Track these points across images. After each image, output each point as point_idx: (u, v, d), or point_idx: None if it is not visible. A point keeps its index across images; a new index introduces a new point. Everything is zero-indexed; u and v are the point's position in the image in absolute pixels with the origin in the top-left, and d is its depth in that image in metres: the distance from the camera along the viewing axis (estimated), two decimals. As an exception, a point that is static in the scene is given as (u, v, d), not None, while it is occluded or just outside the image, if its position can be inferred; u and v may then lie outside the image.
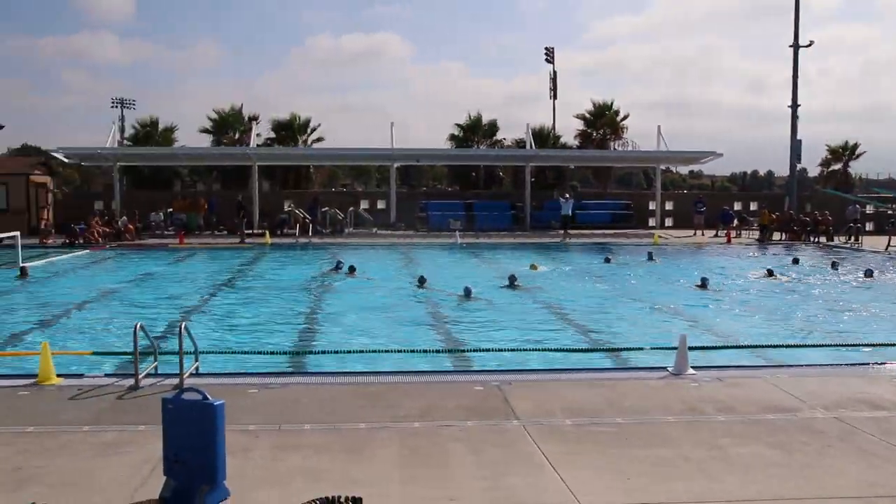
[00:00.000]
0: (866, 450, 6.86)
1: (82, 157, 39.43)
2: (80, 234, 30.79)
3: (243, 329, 13.73)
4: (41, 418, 7.63)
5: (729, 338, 13.02)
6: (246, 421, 7.49)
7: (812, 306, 16.66)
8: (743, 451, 6.79)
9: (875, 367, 10.17)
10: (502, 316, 15.03)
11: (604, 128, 50.31)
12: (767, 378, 9.36)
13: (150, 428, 7.02)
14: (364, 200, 41.33)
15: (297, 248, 29.75)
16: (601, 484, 6.07)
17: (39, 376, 8.99)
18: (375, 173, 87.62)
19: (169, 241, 31.42)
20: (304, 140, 47.28)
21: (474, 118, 49.63)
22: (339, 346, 11.87)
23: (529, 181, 40.51)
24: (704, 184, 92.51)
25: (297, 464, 6.43)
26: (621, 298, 17.70)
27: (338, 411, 7.91)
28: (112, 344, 12.00)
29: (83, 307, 15.83)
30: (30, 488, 5.87)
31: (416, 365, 10.63)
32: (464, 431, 7.31)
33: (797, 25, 40.70)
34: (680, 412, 7.97)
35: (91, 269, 23.04)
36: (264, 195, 40.77)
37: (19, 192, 34.75)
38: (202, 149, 43.46)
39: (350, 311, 15.40)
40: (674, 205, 43.07)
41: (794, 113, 40.88)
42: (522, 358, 11.20)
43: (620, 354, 11.58)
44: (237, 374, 9.72)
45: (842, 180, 48.79)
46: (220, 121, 47.03)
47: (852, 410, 8.03)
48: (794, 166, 41.90)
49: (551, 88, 67.82)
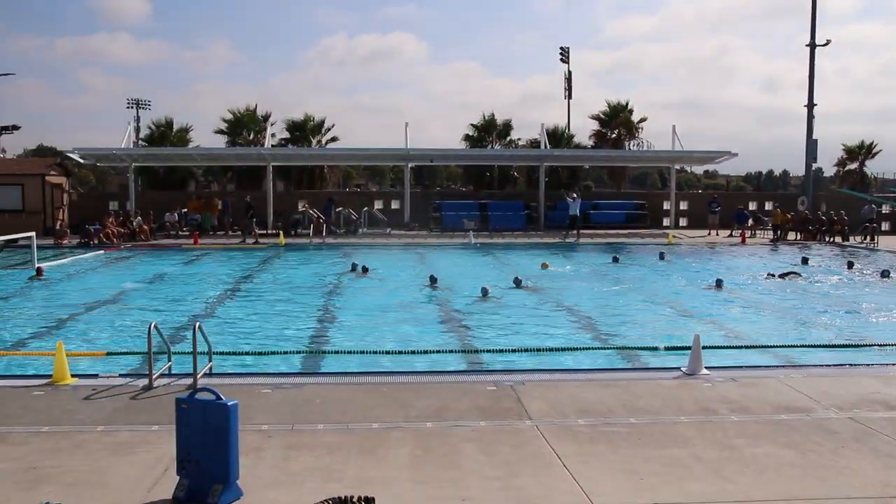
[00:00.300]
0: (881, 450, 6.81)
1: (98, 158, 39.60)
2: (95, 234, 30.96)
3: (256, 329, 13.75)
4: (55, 418, 7.68)
5: (743, 338, 12.95)
6: (259, 421, 7.52)
7: (827, 306, 16.55)
8: (757, 452, 6.76)
9: (890, 367, 10.10)
10: (514, 316, 15.00)
11: (619, 128, 50.23)
12: (781, 378, 9.31)
13: (164, 428, 7.06)
14: (378, 200, 41.33)
15: (310, 248, 29.78)
16: (614, 484, 6.06)
17: (54, 376, 9.05)
18: (390, 173, 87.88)
19: (183, 242, 31.54)
20: (318, 140, 47.40)
21: (488, 118, 49.64)
22: (353, 346, 11.88)
23: (543, 181, 40.45)
24: (719, 184, 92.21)
25: (309, 463, 6.45)
26: (633, 298, 17.63)
27: (351, 411, 7.92)
28: (126, 344, 12.06)
29: (98, 307, 15.90)
30: (44, 488, 5.91)
31: (428, 365, 10.62)
32: (476, 431, 7.30)
33: (814, 25, 40.50)
34: (693, 412, 7.94)
35: (106, 270, 23.15)
36: (278, 195, 40.87)
37: (35, 193, 34.96)
38: (217, 149, 43.61)
39: (363, 311, 15.43)
40: (688, 205, 42.88)
41: (811, 113, 40.63)
42: (535, 358, 11.17)
43: (634, 353, 11.54)
44: (250, 375, 9.76)
45: (858, 180, 48.45)
46: (235, 121, 47.19)
47: (867, 411, 7.98)
48: (809, 166, 41.64)
49: (566, 88, 67.76)
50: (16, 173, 35.67)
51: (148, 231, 32.69)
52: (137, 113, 57.15)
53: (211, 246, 30.16)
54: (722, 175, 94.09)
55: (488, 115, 49.73)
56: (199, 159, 43.09)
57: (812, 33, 40.59)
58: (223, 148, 44.99)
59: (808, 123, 40.70)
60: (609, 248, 29.88)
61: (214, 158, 43.18)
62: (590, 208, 40.43)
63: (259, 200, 37.86)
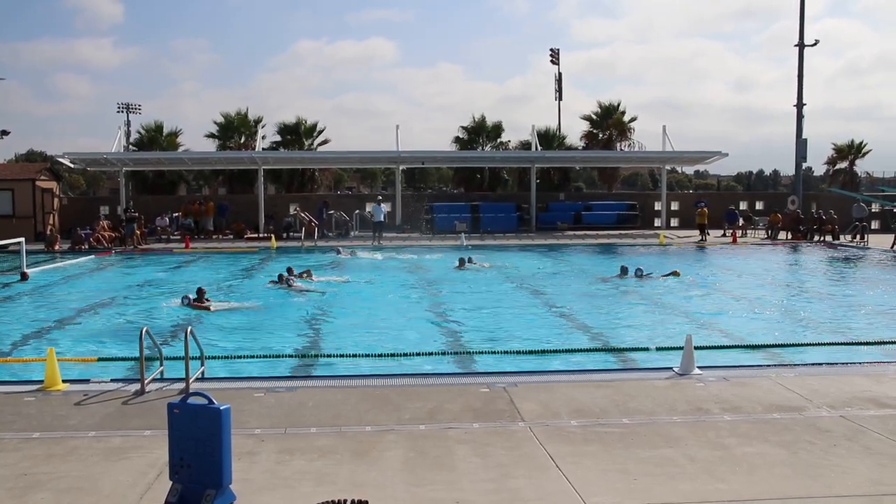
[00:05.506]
0: (873, 448, 6.84)
1: (88, 163, 39.50)
2: (86, 239, 30.87)
3: (248, 333, 13.72)
4: (47, 424, 7.65)
5: (735, 337, 12.99)
6: (252, 425, 7.51)
7: (818, 305, 16.62)
8: (749, 451, 6.78)
9: (881, 365, 10.14)
10: (505, 318, 15.02)
11: (610, 129, 50.30)
12: (773, 377, 9.34)
13: (156, 433, 7.03)
14: (370, 203, 41.34)
15: (301, 251, 29.72)
16: (607, 485, 6.06)
17: (45, 382, 9.01)
18: (381, 176, 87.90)
19: (174, 246, 31.47)
20: (310, 144, 47.35)
21: (479, 120, 49.63)
22: (344, 349, 11.87)
23: (535, 182, 40.48)
24: (710, 184, 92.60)
25: (303, 467, 6.44)
26: (621, 298, 17.68)
27: (344, 414, 7.91)
28: (118, 349, 12.01)
29: (89, 312, 15.84)
30: (36, 494, 5.89)
31: (421, 367, 10.61)
32: (470, 433, 7.30)
33: (802, 25, 40.70)
34: (686, 412, 7.96)
35: (97, 274, 23.08)
36: (270, 198, 40.82)
37: (25, 198, 34.79)
38: (208, 153, 43.57)
39: (353, 315, 15.43)
40: (679, 205, 42.99)
41: (800, 112, 40.83)
42: (527, 360, 11.17)
43: (626, 354, 11.56)
44: (243, 379, 9.72)
45: (848, 179, 48.61)
46: (226, 125, 47.13)
47: (858, 409, 8.01)
48: (799, 165, 41.83)
49: (556, 90, 67.92)
50: (6, 178, 35.47)
51: (139, 235, 32.59)
52: (128, 117, 56.95)
53: (202, 250, 30.10)
54: (713, 175, 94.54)
55: (478, 117, 49.80)
56: (190, 163, 43.06)
57: (800, 33, 40.81)
58: (214, 152, 44.96)
59: (797, 123, 40.92)
60: (602, 248, 29.94)
61: (206, 162, 43.12)
62: (581, 209, 40.57)
63: (251, 204, 37.87)
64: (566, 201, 42.33)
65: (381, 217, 32.73)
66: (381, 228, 32.60)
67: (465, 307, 16.16)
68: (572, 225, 39.66)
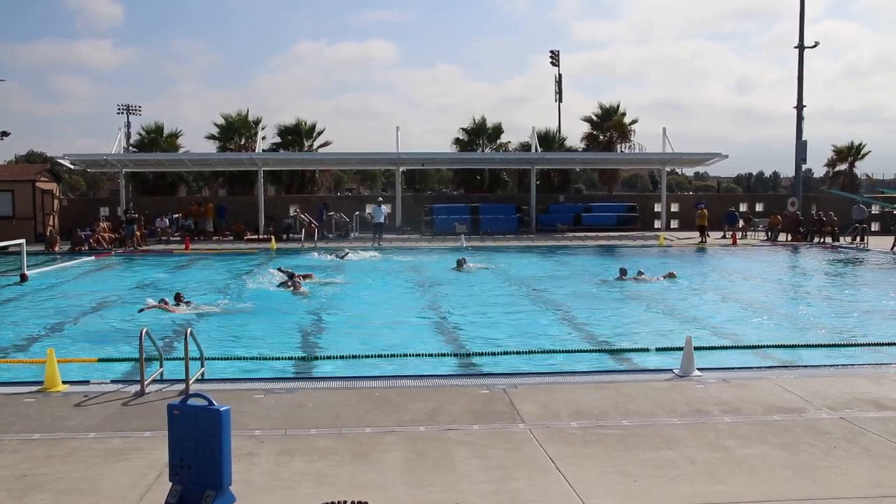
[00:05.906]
0: (872, 450, 6.83)
1: (88, 164, 39.49)
2: (86, 240, 30.87)
3: (247, 334, 13.71)
4: (47, 425, 7.64)
5: (735, 338, 12.98)
6: (252, 426, 7.50)
7: (818, 307, 16.61)
8: (749, 453, 6.78)
9: (881, 367, 10.13)
10: (505, 319, 15.02)
11: (611, 131, 50.31)
12: (773, 379, 9.34)
13: (156, 434, 7.03)
14: (370, 205, 41.35)
15: (301, 252, 29.69)
16: (607, 486, 6.06)
17: (45, 383, 9.00)
18: (381, 177, 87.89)
19: (174, 247, 31.47)
20: (310, 145, 47.37)
21: (478, 121, 49.64)
22: (344, 350, 11.86)
23: (535, 184, 40.49)
24: (710, 185, 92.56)
25: (302, 468, 6.43)
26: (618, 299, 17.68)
27: (343, 416, 7.91)
28: (118, 350, 12.01)
29: (89, 313, 15.85)
30: (35, 495, 5.89)
31: (421, 369, 10.60)
32: (469, 435, 7.30)
33: (802, 26, 40.72)
34: (686, 414, 7.96)
35: (96, 276, 23.08)
36: (270, 200, 40.82)
37: (26, 199, 34.83)
38: (208, 154, 43.59)
39: (353, 316, 15.42)
40: (679, 207, 43.00)
41: (800, 114, 40.84)
42: (527, 361, 11.16)
43: (626, 356, 11.54)
44: (243, 380, 9.71)
45: (848, 181, 48.61)
46: (227, 126, 47.14)
47: (858, 411, 8.01)
48: (799, 167, 41.84)
49: (556, 91, 67.89)
50: (6, 179, 35.51)
51: (140, 236, 32.60)
52: (128, 118, 56.96)
53: (202, 251, 30.11)
54: (713, 177, 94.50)
55: (478, 119, 49.82)
56: (190, 164, 43.05)
57: (801, 35, 40.82)
58: (214, 153, 44.96)
59: (797, 124, 40.95)
60: (602, 250, 29.94)
61: (206, 164, 43.13)
62: (581, 211, 40.59)
63: (251, 205, 37.88)
64: (566, 203, 42.38)
65: (382, 218, 32.80)
66: (381, 230, 32.65)
67: (465, 308, 16.17)
68: (572, 226, 39.71)
